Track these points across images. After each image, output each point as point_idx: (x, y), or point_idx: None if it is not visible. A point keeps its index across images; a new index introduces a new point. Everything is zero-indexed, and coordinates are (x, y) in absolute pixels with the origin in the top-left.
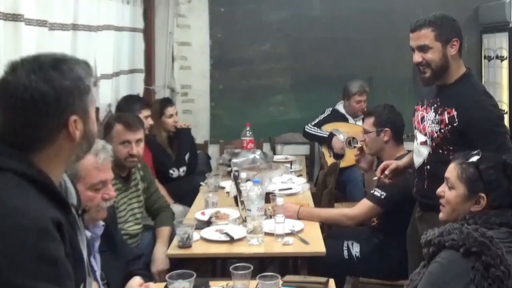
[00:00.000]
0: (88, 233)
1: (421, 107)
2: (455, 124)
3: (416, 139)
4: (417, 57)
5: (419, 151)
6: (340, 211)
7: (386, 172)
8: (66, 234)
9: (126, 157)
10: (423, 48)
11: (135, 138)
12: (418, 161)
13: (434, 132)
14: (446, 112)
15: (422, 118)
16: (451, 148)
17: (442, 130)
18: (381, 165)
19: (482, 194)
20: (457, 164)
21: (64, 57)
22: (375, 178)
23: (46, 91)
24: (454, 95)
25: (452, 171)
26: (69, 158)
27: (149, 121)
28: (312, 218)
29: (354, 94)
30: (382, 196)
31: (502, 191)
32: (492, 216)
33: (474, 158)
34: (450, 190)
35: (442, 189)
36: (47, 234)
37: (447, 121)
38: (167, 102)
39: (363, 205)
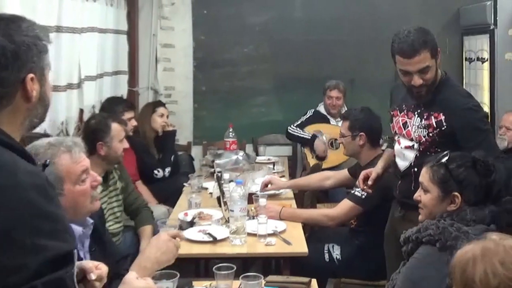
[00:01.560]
0: (79, 228)
1: (400, 112)
2: (443, 128)
3: (399, 144)
4: (418, 80)
5: (404, 155)
6: (321, 212)
7: (369, 182)
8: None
9: (121, 152)
10: (423, 71)
11: (126, 134)
12: (403, 164)
13: (422, 137)
14: (432, 117)
15: (405, 123)
16: (439, 150)
17: (431, 134)
18: (362, 176)
19: (456, 193)
20: (428, 167)
21: (22, 16)
22: (358, 189)
23: (5, 44)
24: (438, 99)
25: (424, 175)
26: (24, 121)
27: (133, 123)
28: (294, 219)
29: (327, 89)
30: (363, 196)
31: (475, 187)
32: (468, 214)
33: (444, 159)
34: (426, 193)
35: (418, 194)
36: (44, 190)
37: (435, 125)
38: (160, 103)
39: (344, 205)
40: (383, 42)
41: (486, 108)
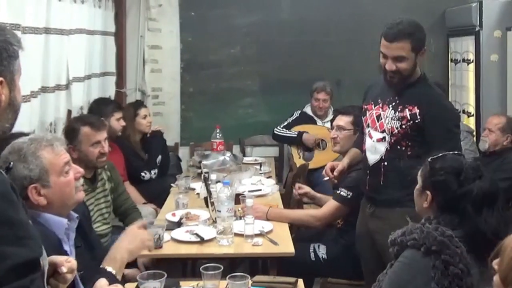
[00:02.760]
0: (64, 220)
1: (375, 106)
2: (417, 121)
3: (371, 137)
4: (391, 65)
5: (375, 148)
6: (308, 212)
7: (335, 173)
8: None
9: (98, 157)
10: (398, 58)
11: (103, 137)
12: (374, 158)
13: (395, 128)
14: (407, 109)
15: (378, 116)
16: (409, 144)
17: (403, 126)
18: (328, 166)
19: (428, 192)
20: (427, 159)
21: None
22: (326, 178)
23: None
24: (414, 93)
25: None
26: None
27: (121, 123)
28: (281, 219)
29: (314, 91)
30: (349, 196)
31: (448, 194)
32: (454, 218)
33: (432, 157)
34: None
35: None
36: (8, 196)
37: (408, 117)
38: (140, 104)
39: (330, 206)
40: (369, 43)
41: (472, 109)
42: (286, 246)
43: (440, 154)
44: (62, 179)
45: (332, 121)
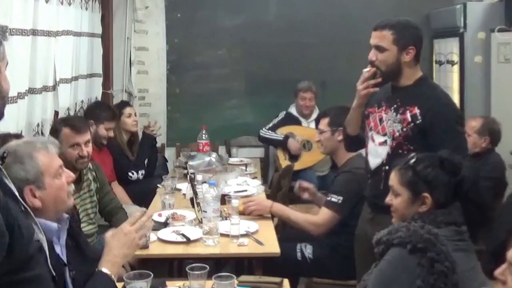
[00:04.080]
0: (54, 224)
1: (378, 108)
2: (417, 122)
3: (373, 141)
4: (372, 55)
5: (376, 152)
6: (307, 219)
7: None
8: None
9: (77, 159)
10: (379, 48)
11: (84, 140)
12: (375, 162)
13: (396, 131)
14: (408, 111)
15: (381, 119)
16: (411, 147)
17: (404, 129)
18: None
19: (426, 194)
20: (396, 170)
21: None
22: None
23: None
24: (415, 94)
25: (393, 178)
26: None
27: (110, 133)
28: (283, 216)
29: (300, 91)
30: (339, 201)
31: (444, 186)
32: (440, 216)
33: (411, 161)
34: (396, 197)
35: (390, 198)
36: None
37: (409, 119)
38: (125, 103)
39: (325, 214)
40: (354, 44)
41: None
42: (271, 246)
43: (412, 156)
44: (57, 181)
45: (316, 122)
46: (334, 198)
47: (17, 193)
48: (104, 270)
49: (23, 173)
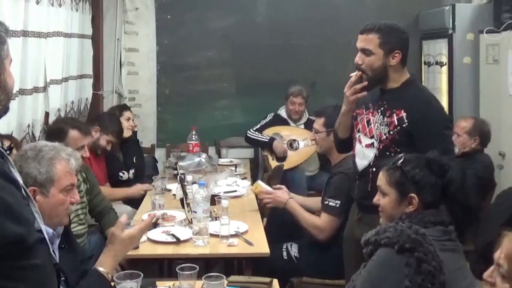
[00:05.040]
0: (50, 230)
1: (365, 111)
2: (404, 125)
3: (360, 142)
4: (358, 58)
5: (363, 154)
6: (312, 223)
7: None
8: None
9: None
10: (365, 51)
11: (87, 142)
12: (362, 163)
13: (383, 134)
14: (394, 114)
15: (368, 121)
16: (398, 150)
17: (391, 132)
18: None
19: (413, 194)
20: (384, 170)
21: None
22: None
23: None
24: (402, 97)
25: (381, 178)
26: None
27: (108, 147)
28: (293, 215)
29: (290, 95)
30: (337, 205)
31: (431, 187)
32: (427, 216)
33: (399, 162)
34: (384, 197)
35: (377, 198)
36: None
37: (396, 123)
38: (126, 107)
39: (325, 218)
40: (343, 45)
41: None
42: (261, 246)
43: (400, 156)
44: (61, 196)
45: (304, 125)
46: (332, 203)
47: (20, 180)
48: (101, 269)
49: (35, 172)
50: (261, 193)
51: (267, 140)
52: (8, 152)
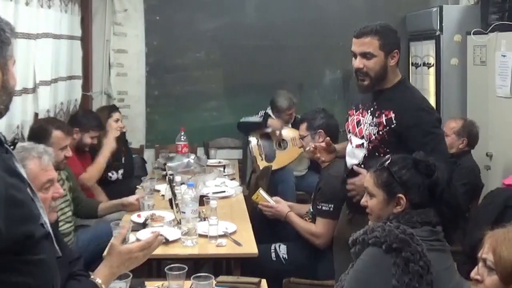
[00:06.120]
0: None
1: (356, 111)
2: (392, 126)
3: (351, 143)
4: (359, 63)
5: (354, 153)
6: (309, 231)
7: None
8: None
9: (62, 160)
10: (366, 55)
11: (69, 142)
12: (352, 163)
13: (372, 135)
14: (383, 115)
15: (358, 122)
16: (387, 150)
17: (380, 132)
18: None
19: (401, 195)
20: (372, 172)
21: None
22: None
23: None
24: (391, 98)
25: (368, 179)
26: None
27: (94, 141)
28: (293, 226)
29: (285, 110)
30: (331, 209)
31: (419, 187)
32: (415, 216)
33: (386, 163)
34: (371, 198)
35: (365, 199)
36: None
37: (384, 123)
38: (115, 108)
39: (321, 224)
40: (331, 47)
41: None
42: (249, 246)
43: (387, 157)
44: (40, 195)
45: (293, 123)
46: (325, 207)
47: (25, 175)
48: (98, 281)
49: None
50: (262, 204)
51: (260, 119)
52: (12, 147)
